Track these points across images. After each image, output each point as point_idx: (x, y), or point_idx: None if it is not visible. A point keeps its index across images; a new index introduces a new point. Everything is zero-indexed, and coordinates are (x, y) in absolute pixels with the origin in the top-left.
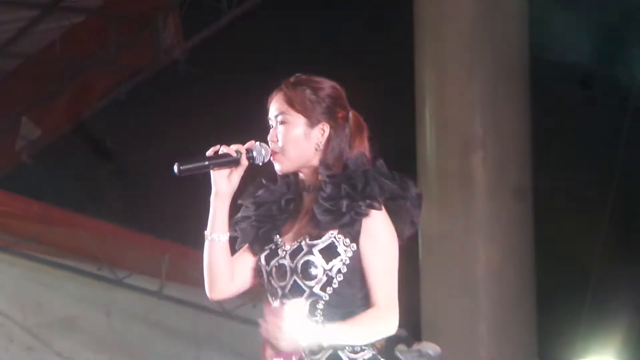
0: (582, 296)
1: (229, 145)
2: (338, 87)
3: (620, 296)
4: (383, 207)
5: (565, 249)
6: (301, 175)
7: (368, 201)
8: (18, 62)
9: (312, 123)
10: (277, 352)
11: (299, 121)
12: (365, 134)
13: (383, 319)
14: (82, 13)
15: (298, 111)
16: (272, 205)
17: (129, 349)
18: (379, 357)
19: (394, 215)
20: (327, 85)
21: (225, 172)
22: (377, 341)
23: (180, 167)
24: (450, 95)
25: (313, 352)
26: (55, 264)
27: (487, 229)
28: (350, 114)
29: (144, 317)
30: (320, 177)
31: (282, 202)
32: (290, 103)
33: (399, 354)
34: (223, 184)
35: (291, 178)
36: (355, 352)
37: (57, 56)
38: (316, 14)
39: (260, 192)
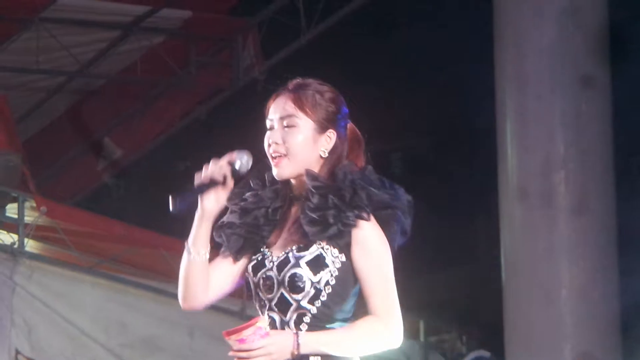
0: None
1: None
2: (338, 93)
3: None
4: (372, 217)
5: None
6: (293, 182)
7: (356, 212)
8: (99, 83)
9: (321, 128)
10: None
11: (308, 125)
12: (362, 147)
13: (385, 328)
14: (162, 34)
15: (308, 115)
16: (259, 214)
17: None
18: None
19: (384, 225)
20: (330, 89)
21: (212, 194)
22: None
23: (177, 206)
24: (531, 114)
25: None
26: (138, 284)
27: (571, 250)
28: (349, 126)
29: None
30: (307, 186)
31: (270, 211)
32: (300, 106)
33: None
34: (210, 204)
35: (280, 185)
36: None
37: (138, 77)
38: (395, 33)
39: (247, 195)
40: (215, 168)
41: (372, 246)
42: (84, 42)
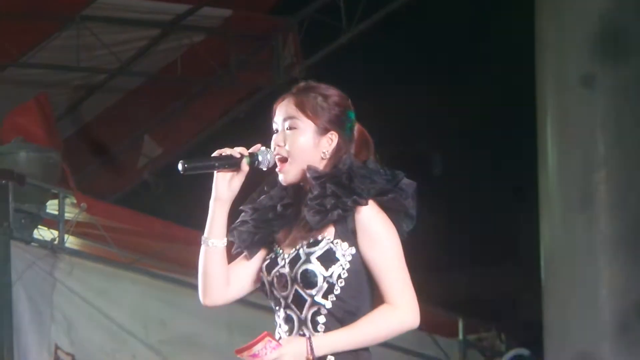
0: None
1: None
2: (346, 97)
3: None
4: (375, 203)
5: None
6: (302, 183)
7: (354, 197)
8: (140, 81)
9: (322, 131)
10: None
11: (308, 127)
12: (371, 149)
13: (399, 312)
14: (202, 32)
15: (309, 117)
16: (269, 210)
17: None
18: None
19: (388, 211)
20: (337, 93)
21: (226, 176)
22: None
23: (185, 165)
24: (572, 112)
25: None
26: (177, 280)
27: (611, 250)
28: (356, 127)
29: None
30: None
31: (279, 207)
32: (302, 108)
33: None
34: (223, 189)
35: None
36: None
37: (178, 75)
38: (439, 30)
39: (261, 198)
40: (237, 148)
41: (375, 230)
42: (124, 41)
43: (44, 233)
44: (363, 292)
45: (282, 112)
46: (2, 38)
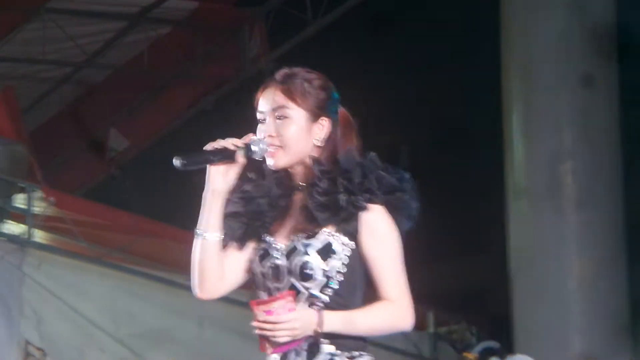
0: None
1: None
2: (326, 77)
3: None
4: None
5: None
6: (292, 170)
7: (367, 195)
8: (106, 73)
9: (313, 117)
10: (276, 347)
11: (300, 115)
12: (355, 131)
13: (400, 311)
14: (169, 24)
15: (298, 105)
16: (262, 201)
17: (221, 358)
18: None
19: (393, 210)
20: (318, 75)
21: (221, 169)
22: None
23: (184, 161)
24: (538, 105)
25: (310, 357)
26: (146, 274)
27: (578, 241)
28: (340, 110)
29: (235, 328)
30: (314, 172)
31: (272, 198)
32: (290, 96)
33: None
34: (219, 181)
35: (281, 173)
36: (353, 358)
37: (145, 67)
38: (402, 23)
39: (248, 186)
40: (230, 140)
41: (381, 230)
42: (90, 33)
43: (11, 227)
44: (358, 289)
45: (270, 102)
46: None
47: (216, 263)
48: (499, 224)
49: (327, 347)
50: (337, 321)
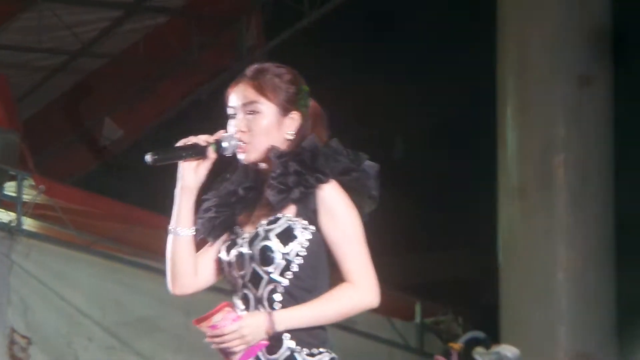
0: None
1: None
2: (295, 71)
3: None
4: (337, 183)
5: None
6: (262, 165)
7: (317, 175)
8: (102, 62)
9: (284, 111)
10: (236, 357)
11: (271, 110)
12: (324, 122)
13: (360, 291)
14: (165, 13)
15: (270, 100)
16: (231, 194)
17: (208, 349)
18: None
19: (350, 191)
20: (287, 70)
21: (192, 164)
22: (456, 343)
23: (154, 157)
24: (532, 97)
25: (270, 352)
26: (134, 263)
27: (568, 233)
28: (311, 103)
29: None
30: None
31: (240, 189)
32: (261, 91)
33: (477, 357)
34: (190, 177)
35: (252, 167)
36: (313, 355)
37: (141, 57)
38: (399, 14)
39: (223, 185)
40: (201, 136)
41: (337, 209)
42: (86, 22)
43: (1, 215)
44: (321, 272)
45: (240, 97)
46: None
47: (188, 259)
48: (488, 216)
49: (288, 342)
50: (292, 317)
